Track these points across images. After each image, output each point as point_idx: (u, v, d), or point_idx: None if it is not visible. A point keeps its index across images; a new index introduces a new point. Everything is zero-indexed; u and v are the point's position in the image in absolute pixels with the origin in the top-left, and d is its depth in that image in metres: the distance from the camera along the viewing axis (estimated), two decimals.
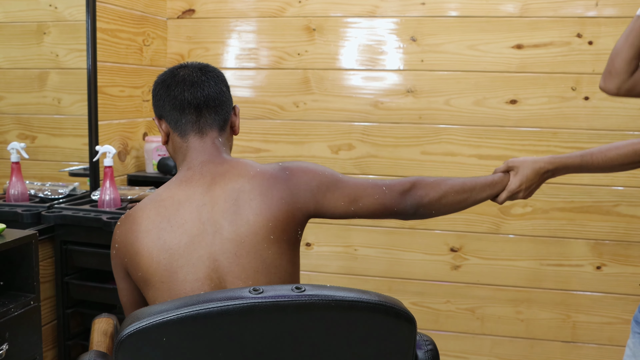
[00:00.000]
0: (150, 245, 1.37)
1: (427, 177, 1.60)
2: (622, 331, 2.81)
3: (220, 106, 1.50)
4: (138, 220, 1.41)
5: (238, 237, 1.36)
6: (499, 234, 2.87)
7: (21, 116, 2.59)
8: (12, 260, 1.97)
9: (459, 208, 1.62)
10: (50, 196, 2.46)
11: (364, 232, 2.98)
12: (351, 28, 2.92)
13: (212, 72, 1.51)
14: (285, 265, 1.40)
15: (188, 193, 1.41)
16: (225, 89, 1.52)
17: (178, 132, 1.49)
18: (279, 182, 1.43)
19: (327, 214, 1.49)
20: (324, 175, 1.49)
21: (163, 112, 1.50)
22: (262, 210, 1.38)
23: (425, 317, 2.97)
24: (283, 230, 1.40)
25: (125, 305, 1.53)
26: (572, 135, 2.77)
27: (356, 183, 1.52)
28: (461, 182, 1.62)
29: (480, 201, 1.65)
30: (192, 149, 1.47)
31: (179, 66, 1.52)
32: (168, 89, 1.48)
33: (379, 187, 1.53)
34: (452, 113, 2.86)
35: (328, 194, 1.48)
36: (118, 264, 1.47)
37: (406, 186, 1.55)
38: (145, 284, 1.39)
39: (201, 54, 3.08)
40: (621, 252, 2.78)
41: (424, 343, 1.34)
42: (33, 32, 2.57)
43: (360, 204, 1.50)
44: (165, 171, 2.85)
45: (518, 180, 1.65)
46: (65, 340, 2.42)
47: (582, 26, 2.71)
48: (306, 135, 3.00)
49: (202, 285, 1.35)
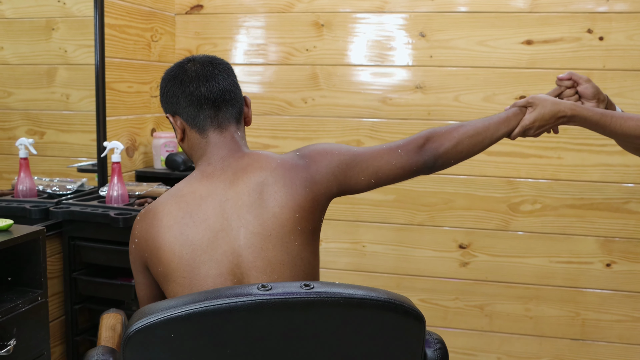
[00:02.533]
0: (172, 241, 1.37)
1: (439, 128, 1.58)
2: (631, 329, 2.80)
3: (234, 99, 1.49)
4: (159, 216, 1.40)
5: (264, 231, 1.36)
6: (508, 230, 2.85)
7: (30, 112, 2.59)
8: (20, 256, 1.97)
9: (476, 150, 1.60)
10: (58, 192, 2.46)
11: (373, 229, 2.97)
12: (360, 24, 2.91)
13: (222, 64, 1.50)
14: (309, 256, 1.40)
15: (210, 188, 1.41)
16: (235, 80, 1.52)
17: (196, 128, 1.47)
18: (300, 171, 1.42)
19: (350, 191, 1.49)
20: (340, 153, 1.49)
21: (178, 108, 1.48)
22: (288, 202, 1.38)
23: (433, 314, 2.96)
24: (309, 220, 1.40)
25: (142, 300, 1.53)
26: (583, 132, 2.70)
27: (372, 153, 1.51)
28: (473, 124, 1.61)
29: (497, 140, 1.63)
30: (212, 144, 1.46)
31: (187, 60, 1.50)
32: (182, 84, 1.46)
33: (394, 150, 1.52)
34: (462, 109, 2.84)
35: (348, 172, 1.48)
36: (137, 259, 1.47)
37: (420, 142, 1.54)
38: (166, 279, 1.39)
39: (209, 50, 3.07)
40: (631, 249, 2.77)
41: (434, 342, 1.33)
42: (42, 28, 2.57)
43: (380, 174, 1.50)
44: (174, 167, 2.85)
45: (533, 117, 1.60)
46: (73, 336, 2.42)
47: (592, 22, 2.69)
48: (314, 131, 2.99)
49: (225, 280, 1.35)
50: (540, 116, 1.60)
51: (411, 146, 1.53)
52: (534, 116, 1.60)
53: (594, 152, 2.74)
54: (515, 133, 1.63)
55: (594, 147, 2.73)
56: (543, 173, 2.81)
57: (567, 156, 2.77)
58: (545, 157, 2.79)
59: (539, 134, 1.66)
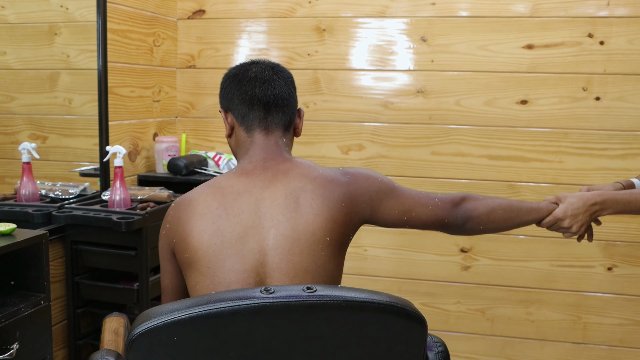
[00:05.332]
0: (203, 229, 1.38)
1: (476, 195, 1.64)
2: (633, 332, 2.80)
3: (287, 106, 1.52)
4: (194, 203, 1.42)
5: (294, 234, 1.37)
6: (509, 234, 2.85)
7: (33, 117, 2.59)
8: (23, 260, 1.97)
9: (504, 227, 1.66)
10: (60, 196, 2.47)
11: (374, 233, 2.98)
12: (361, 28, 2.92)
13: (283, 72, 1.54)
14: (332, 269, 1.41)
15: (247, 185, 1.43)
16: (293, 90, 1.55)
17: (244, 126, 1.50)
18: (340, 186, 1.45)
19: (380, 221, 1.53)
20: (382, 182, 1.52)
21: (231, 105, 1.51)
22: (323, 211, 1.40)
23: (435, 317, 2.96)
24: (339, 233, 1.41)
25: (166, 289, 1.53)
26: (583, 136, 2.75)
27: (411, 193, 1.56)
28: (508, 200, 1.69)
29: (526, 224, 1.69)
30: (256, 144, 1.49)
31: (251, 62, 1.54)
32: (239, 83, 1.50)
33: (431, 198, 1.57)
34: (463, 113, 2.85)
35: (384, 201, 1.51)
36: (165, 245, 1.48)
37: (457, 199, 1.60)
38: (190, 267, 1.39)
39: (211, 55, 3.08)
40: (633, 253, 2.77)
41: (435, 345, 1.34)
42: (44, 32, 2.57)
43: (413, 214, 1.54)
44: (176, 171, 2.85)
45: (564, 207, 1.67)
46: (76, 340, 2.42)
47: (593, 26, 2.69)
48: (316, 136, 3.00)
49: (248, 277, 1.35)
50: (570, 206, 1.66)
51: (448, 199, 1.58)
52: (565, 207, 1.66)
53: (595, 156, 2.75)
54: (546, 221, 1.69)
55: (595, 151, 2.73)
56: (544, 177, 2.81)
57: (568, 160, 2.78)
58: (547, 161, 2.79)
59: (580, 229, 1.69)
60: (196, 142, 3.15)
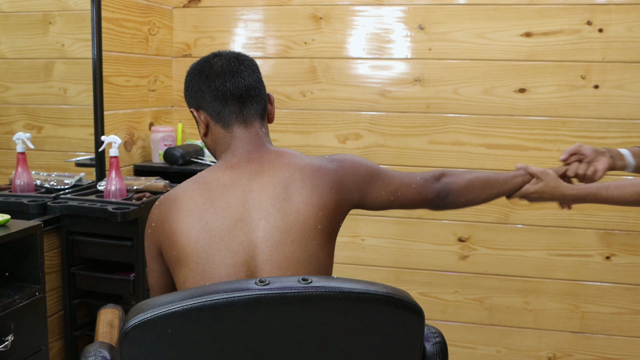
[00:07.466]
0: (190, 225, 1.36)
1: (455, 169, 1.76)
2: (631, 321, 2.80)
3: (259, 95, 1.50)
4: (179, 200, 1.40)
5: (285, 225, 1.36)
6: (507, 223, 2.85)
7: (27, 106, 2.58)
8: (18, 251, 1.96)
9: (483, 197, 1.76)
10: (56, 186, 2.45)
11: (372, 222, 2.97)
12: (358, 16, 2.90)
13: (248, 60, 1.51)
14: (324, 258, 1.40)
15: (234, 178, 1.41)
16: (260, 77, 1.53)
17: (221, 123, 1.48)
18: (329, 173, 1.44)
19: (369, 204, 1.55)
20: (368, 166, 1.55)
21: (202, 103, 1.48)
22: (313, 199, 1.39)
23: (433, 307, 2.96)
24: (330, 221, 1.41)
25: (153, 287, 1.52)
26: (582, 124, 2.74)
27: (394, 174, 1.60)
28: (486, 173, 1.80)
29: (503, 193, 1.81)
30: (237, 138, 1.47)
31: (213, 55, 1.51)
32: (207, 79, 1.47)
33: (414, 177, 1.63)
34: (460, 102, 2.83)
35: (372, 185, 1.53)
36: (152, 244, 1.46)
37: (436, 174, 1.68)
38: (179, 264, 1.37)
39: (207, 43, 3.06)
40: (631, 242, 2.76)
41: (432, 335, 1.33)
42: (39, 21, 2.55)
43: (399, 194, 1.58)
44: (172, 161, 2.84)
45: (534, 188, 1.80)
46: (72, 331, 2.42)
47: (592, 13, 2.67)
48: (313, 125, 2.98)
49: (239, 271, 1.34)
50: (540, 190, 1.80)
51: (429, 176, 1.66)
52: (535, 188, 1.80)
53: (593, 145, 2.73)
54: (515, 195, 1.82)
55: (593, 139, 2.72)
56: (543, 166, 2.78)
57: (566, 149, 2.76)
58: (545, 150, 2.78)
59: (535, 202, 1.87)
60: (192, 132, 3.14)
